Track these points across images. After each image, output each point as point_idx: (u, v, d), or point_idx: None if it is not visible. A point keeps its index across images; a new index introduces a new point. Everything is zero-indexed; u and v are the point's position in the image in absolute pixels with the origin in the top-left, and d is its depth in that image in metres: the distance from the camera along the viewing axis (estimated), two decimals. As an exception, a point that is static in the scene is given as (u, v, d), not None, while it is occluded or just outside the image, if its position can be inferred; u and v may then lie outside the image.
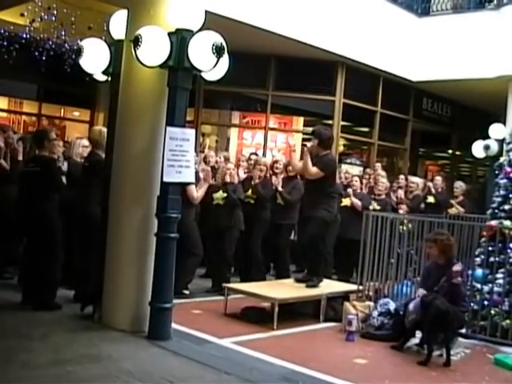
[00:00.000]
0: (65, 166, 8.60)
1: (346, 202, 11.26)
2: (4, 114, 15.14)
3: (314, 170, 8.60)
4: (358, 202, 11.18)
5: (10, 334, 6.39)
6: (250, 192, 10.34)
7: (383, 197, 11.49)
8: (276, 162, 11.00)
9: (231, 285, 8.73)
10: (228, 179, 9.79)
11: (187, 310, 8.14)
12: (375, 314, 7.94)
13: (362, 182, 12.11)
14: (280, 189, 10.43)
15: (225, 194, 9.77)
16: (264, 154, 14.39)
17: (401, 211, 11.19)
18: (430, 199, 12.41)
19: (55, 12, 11.76)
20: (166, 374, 5.54)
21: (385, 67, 14.97)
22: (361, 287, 8.87)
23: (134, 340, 6.46)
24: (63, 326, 6.86)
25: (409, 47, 15.24)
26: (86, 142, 8.88)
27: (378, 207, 11.07)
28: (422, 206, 12.13)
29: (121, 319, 6.75)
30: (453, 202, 12.46)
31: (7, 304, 7.49)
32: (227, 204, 9.76)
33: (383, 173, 12.35)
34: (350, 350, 7.20)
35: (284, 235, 10.57)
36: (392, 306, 7.91)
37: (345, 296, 8.76)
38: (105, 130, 7.89)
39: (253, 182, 10.39)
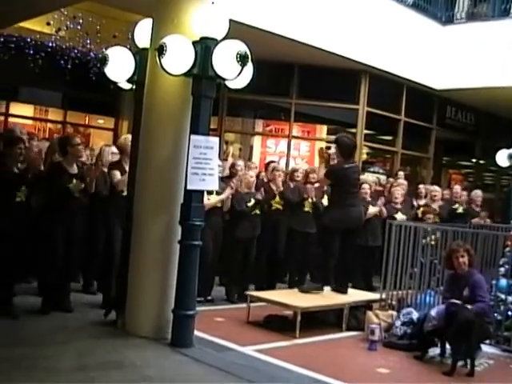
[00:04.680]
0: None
1: (373, 210, 11.26)
2: (30, 122, 15.27)
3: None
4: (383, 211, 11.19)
5: (33, 340, 6.44)
6: (277, 198, 10.36)
7: (399, 206, 11.48)
8: (296, 170, 11.04)
9: (254, 293, 8.73)
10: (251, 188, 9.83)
11: (210, 318, 8.15)
12: (398, 323, 7.90)
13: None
14: (314, 198, 10.46)
15: (253, 201, 9.80)
16: (287, 163, 14.42)
17: (429, 221, 11.09)
18: (459, 209, 12.40)
19: (81, 21, 11.91)
20: (188, 381, 5.56)
21: (408, 75, 14.92)
22: (384, 296, 8.82)
23: (156, 347, 6.47)
24: (86, 332, 6.91)
25: (433, 55, 15.18)
26: (114, 149, 8.93)
27: (404, 216, 11.09)
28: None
29: (144, 326, 6.76)
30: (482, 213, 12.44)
31: (30, 310, 7.51)
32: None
33: (403, 181, 12.41)
34: (372, 360, 7.17)
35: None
36: (415, 315, 7.86)
37: (367, 305, 8.74)
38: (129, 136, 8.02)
39: (276, 189, 10.42)
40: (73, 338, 6.56)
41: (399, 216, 11.11)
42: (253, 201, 9.71)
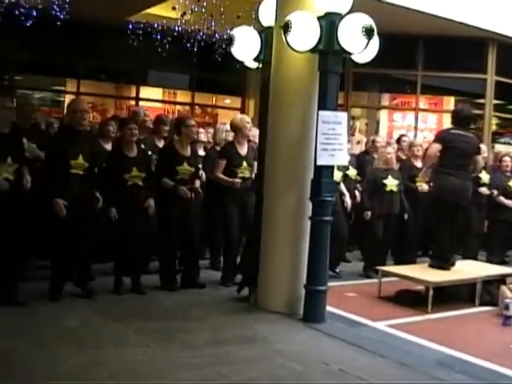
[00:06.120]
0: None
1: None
2: (159, 105, 15.73)
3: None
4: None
5: (170, 315, 6.67)
6: (420, 177, 10.09)
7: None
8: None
9: (386, 267, 8.67)
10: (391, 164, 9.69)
11: (341, 293, 8.16)
12: (534, 298, 7.68)
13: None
14: None
15: (396, 181, 9.61)
16: (415, 136, 14.19)
17: None
18: None
19: (205, 4, 12.03)
20: (320, 356, 5.58)
21: (538, 41, 14.33)
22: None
23: (288, 322, 6.57)
24: (220, 307, 7.07)
25: None
26: (228, 127, 9.00)
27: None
28: None
29: (276, 302, 6.86)
30: None
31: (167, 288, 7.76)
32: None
33: None
34: (506, 335, 6.98)
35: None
36: (552, 290, 7.62)
37: (501, 279, 8.51)
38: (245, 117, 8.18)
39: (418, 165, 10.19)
40: (207, 314, 6.74)
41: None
42: (390, 177, 9.57)
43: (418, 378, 5.29)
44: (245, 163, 8.15)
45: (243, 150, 8.23)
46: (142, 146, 7.89)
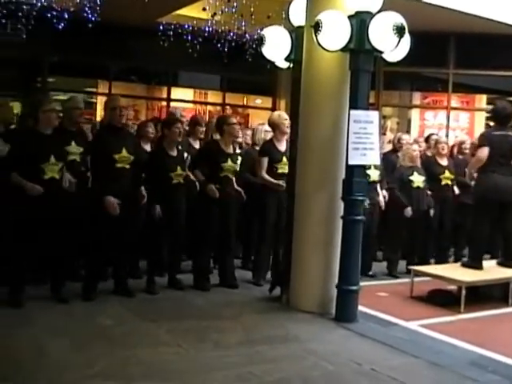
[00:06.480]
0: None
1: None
2: (190, 105, 15.81)
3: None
4: None
5: (203, 314, 6.70)
6: (447, 173, 10.01)
7: None
8: (463, 143, 10.74)
9: (418, 267, 8.62)
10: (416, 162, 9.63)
11: (373, 293, 8.13)
12: None
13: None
14: None
15: (423, 177, 9.55)
16: (447, 135, 14.10)
17: None
18: None
19: (235, 4, 12.07)
20: (352, 355, 5.57)
21: None
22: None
23: (320, 322, 6.56)
24: (252, 307, 7.10)
25: None
26: (267, 128, 9.01)
27: None
28: None
29: (308, 301, 6.86)
30: None
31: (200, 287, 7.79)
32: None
33: None
34: (541, 336, 6.92)
35: None
36: None
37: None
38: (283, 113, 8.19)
39: (443, 163, 10.09)
40: (239, 313, 6.77)
41: None
42: (416, 174, 9.52)
43: (450, 378, 5.26)
44: (284, 159, 8.10)
45: (282, 146, 8.21)
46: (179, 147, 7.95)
